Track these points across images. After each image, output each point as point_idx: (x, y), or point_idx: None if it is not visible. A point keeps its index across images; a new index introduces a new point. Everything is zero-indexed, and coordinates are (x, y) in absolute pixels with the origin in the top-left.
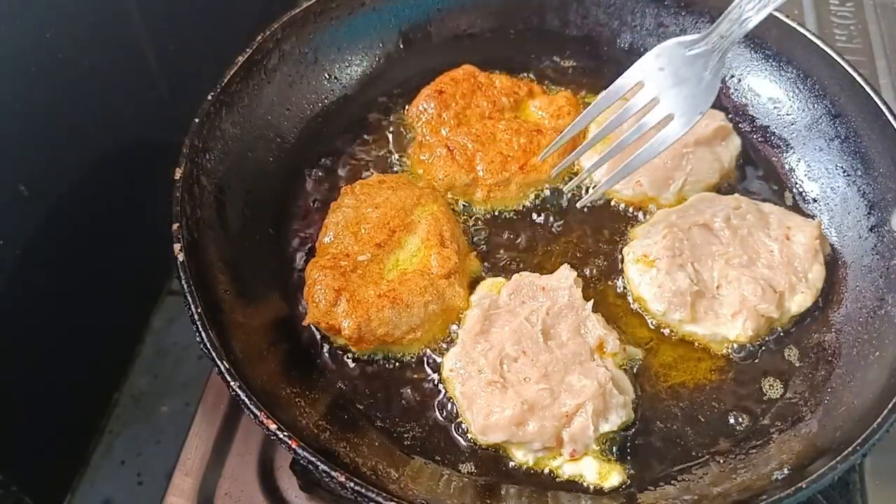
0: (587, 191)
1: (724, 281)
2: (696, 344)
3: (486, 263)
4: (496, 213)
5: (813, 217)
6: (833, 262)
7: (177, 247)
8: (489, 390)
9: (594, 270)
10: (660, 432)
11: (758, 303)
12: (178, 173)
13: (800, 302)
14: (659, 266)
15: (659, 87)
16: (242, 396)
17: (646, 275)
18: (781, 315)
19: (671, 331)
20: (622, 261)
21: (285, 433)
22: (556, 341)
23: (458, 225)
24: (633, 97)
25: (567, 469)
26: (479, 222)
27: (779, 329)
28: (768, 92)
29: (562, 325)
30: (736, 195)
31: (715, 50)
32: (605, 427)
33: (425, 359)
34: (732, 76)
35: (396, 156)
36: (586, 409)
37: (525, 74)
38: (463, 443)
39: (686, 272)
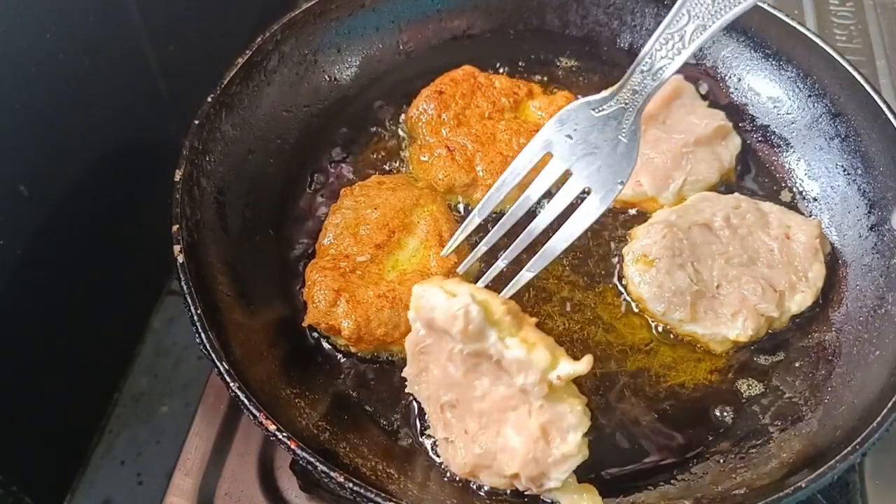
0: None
1: (724, 280)
2: (696, 344)
3: (485, 264)
4: (496, 213)
5: (813, 216)
6: (833, 262)
7: (177, 248)
8: (442, 443)
9: (594, 270)
10: (660, 432)
11: (758, 302)
12: (177, 175)
13: (800, 301)
14: (659, 266)
15: (568, 158)
16: (242, 397)
17: (646, 275)
18: (781, 314)
19: (671, 331)
20: (622, 261)
21: (285, 434)
22: (482, 383)
23: (458, 225)
24: (540, 173)
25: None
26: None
27: (779, 328)
28: (768, 91)
29: (484, 364)
30: (736, 195)
31: (628, 108)
32: (551, 484)
33: None
34: (732, 75)
35: (396, 156)
36: (521, 480)
37: (525, 74)
38: None
39: (686, 272)
